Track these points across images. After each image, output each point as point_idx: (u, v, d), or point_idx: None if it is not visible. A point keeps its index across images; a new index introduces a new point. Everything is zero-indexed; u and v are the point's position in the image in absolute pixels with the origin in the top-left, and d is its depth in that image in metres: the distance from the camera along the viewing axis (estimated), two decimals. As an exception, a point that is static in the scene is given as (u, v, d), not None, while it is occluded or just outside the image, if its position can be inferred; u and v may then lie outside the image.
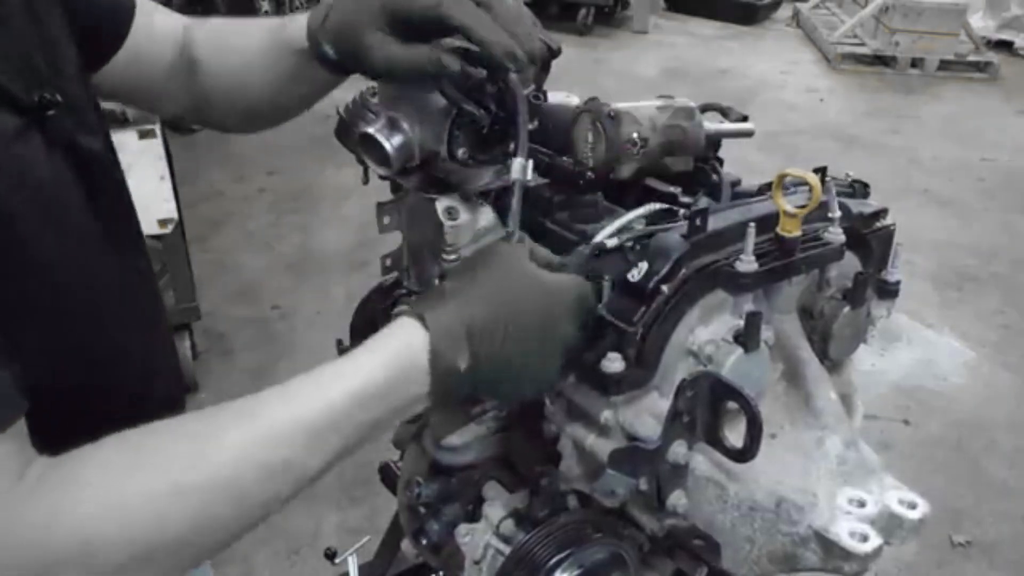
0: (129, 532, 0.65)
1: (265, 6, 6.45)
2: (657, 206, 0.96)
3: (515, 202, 0.84)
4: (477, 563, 1.01)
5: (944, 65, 6.95)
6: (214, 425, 0.71)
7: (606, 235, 0.90)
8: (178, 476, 0.67)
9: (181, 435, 0.70)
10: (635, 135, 0.96)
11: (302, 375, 0.73)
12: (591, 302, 0.82)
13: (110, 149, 0.95)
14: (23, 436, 0.66)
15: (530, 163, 0.90)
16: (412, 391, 0.74)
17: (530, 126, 0.95)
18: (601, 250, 0.89)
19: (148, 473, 0.67)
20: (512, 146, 0.88)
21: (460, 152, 0.94)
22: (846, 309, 0.95)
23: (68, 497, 0.64)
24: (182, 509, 0.67)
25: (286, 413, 0.71)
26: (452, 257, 0.93)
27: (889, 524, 0.83)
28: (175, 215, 2.75)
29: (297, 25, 0.97)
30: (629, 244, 0.89)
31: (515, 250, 0.81)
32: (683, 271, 0.85)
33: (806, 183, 0.87)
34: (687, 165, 1.04)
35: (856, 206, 1.01)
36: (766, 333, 0.87)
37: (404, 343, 0.74)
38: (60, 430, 0.69)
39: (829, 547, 0.81)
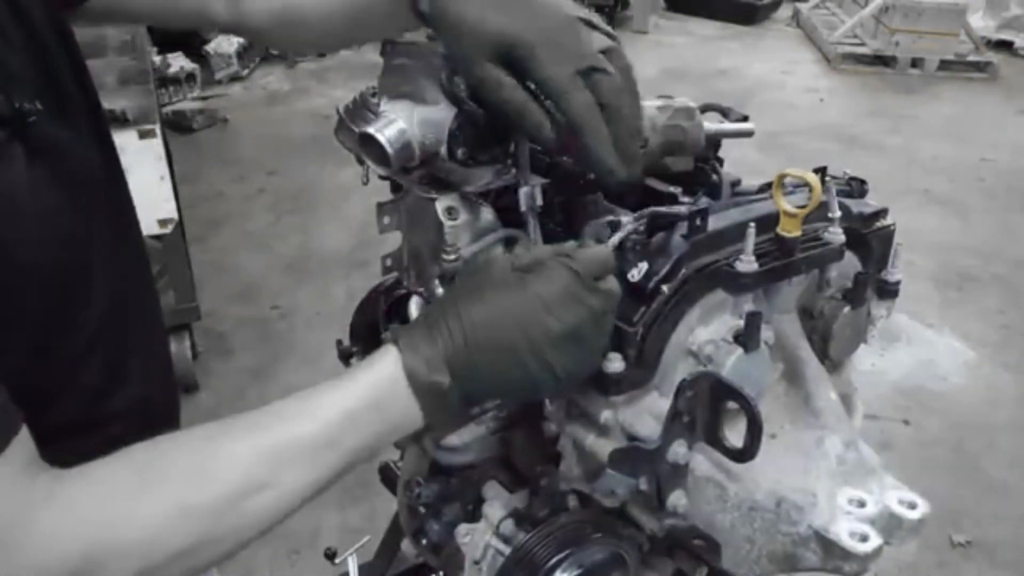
0: (136, 550, 0.67)
1: None
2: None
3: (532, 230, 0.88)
4: (477, 563, 1.01)
5: (944, 65, 6.93)
6: (217, 445, 0.72)
7: (620, 235, 0.88)
8: (183, 496, 0.69)
9: (186, 454, 0.72)
10: (635, 135, 0.96)
11: (296, 395, 0.76)
12: (587, 283, 0.77)
13: (107, 151, 0.92)
14: (27, 450, 0.66)
15: (538, 190, 0.91)
16: (400, 408, 0.75)
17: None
18: (617, 225, 0.88)
19: (155, 493, 0.68)
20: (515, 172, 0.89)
21: (460, 152, 0.94)
22: (846, 309, 0.95)
23: (75, 516, 0.65)
24: (187, 528, 0.68)
25: (285, 433, 0.73)
26: (452, 257, 0.93)
27: (889, 524, 0.83)
28: (175, 215, 2.74)
29: None
30: (629, 244, 0.89)
31: (495, 261, 0.82)
32: (683, 271, 0.85)
33: (806, 183, 0.87)
34: (687, 165, 1.04)
35: (856, 206, 1.01)
36: (766, 333, 0.87)
37: (384, 365, 0.76)
38: (61, 434, 0.69)
39: (829, 547, 0.81)
